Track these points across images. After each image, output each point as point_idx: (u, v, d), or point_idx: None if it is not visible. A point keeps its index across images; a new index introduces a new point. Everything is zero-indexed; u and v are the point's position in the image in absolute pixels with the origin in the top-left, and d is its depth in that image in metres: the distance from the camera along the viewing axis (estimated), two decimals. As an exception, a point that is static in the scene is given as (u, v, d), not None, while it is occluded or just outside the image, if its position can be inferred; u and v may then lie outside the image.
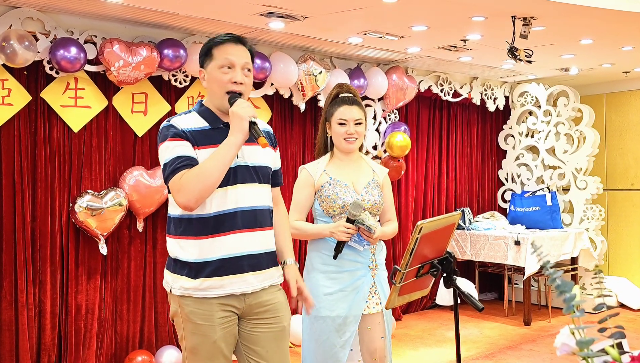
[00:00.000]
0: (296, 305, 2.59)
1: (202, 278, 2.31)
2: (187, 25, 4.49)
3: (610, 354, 1.28)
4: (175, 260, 2.37)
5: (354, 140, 3.03)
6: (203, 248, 2.32)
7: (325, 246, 2.99)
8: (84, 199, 4.23)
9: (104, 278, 4.47)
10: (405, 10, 4.07)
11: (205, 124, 2.37)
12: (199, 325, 2.32)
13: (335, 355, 2.93)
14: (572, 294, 1.19)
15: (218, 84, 2.36)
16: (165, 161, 2.29)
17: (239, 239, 2.35)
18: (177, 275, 2.35)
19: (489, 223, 6.56)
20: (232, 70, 2.35)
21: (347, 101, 3.05)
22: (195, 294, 2.32)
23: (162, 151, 2.32)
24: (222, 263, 2.32)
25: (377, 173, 3.16)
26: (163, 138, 2.33)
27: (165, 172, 2.29)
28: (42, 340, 4.19)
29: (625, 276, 6.91)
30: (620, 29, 4.63)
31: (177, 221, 2.37)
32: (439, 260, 2.68)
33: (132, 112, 4.54)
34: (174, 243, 2.38)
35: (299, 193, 3.06)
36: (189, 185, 2.21)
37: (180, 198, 2.23)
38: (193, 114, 2.42)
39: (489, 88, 6.95)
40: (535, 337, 5.70)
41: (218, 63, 2.36)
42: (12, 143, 4.09)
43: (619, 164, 7.08)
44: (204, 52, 2.41)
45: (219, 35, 2.41)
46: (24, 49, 3.86)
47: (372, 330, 3.00)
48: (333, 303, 2.93)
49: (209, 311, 2.32)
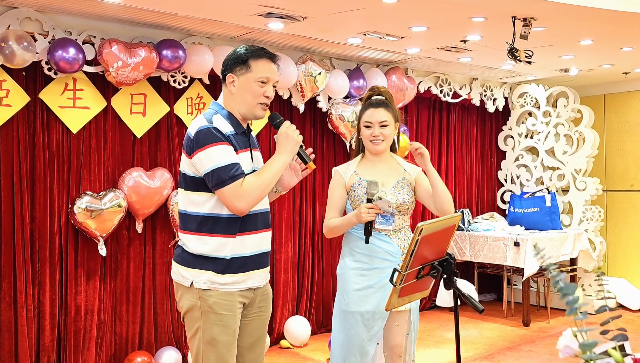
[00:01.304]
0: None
1: (229, 274, 2.51)
2: (186, 26, 4.48)
3: (613, 357, 1.27)
4: (197, 256, 2.52)
5: (379, 142, 3.11)
6: (235, 246, 2.52)
7: (357, 243, 3.07)
8: (83, 200, 4.22)
9: (103, 279, 4.46)
10: (405, 10, 4.07)
11: (232, 129, 2.54)
12: (221, 315, 2.50)
13: (363, 348, 3.04)
14: (574, 296, 1.19)
15: (253, 95, 2.57)
16: (219, 165, 2.43)
17: (260, 238, 2.61)
18: (199, 269, 2.51)
19: (488, 224, 6.56)
20: (266, 85, 2.58)
21: (373, 104, 3.14)
22: (221, 288, 2.50)
23: (213, 154, 2.44)
24: (247, 260, 2.56)
25: (409, 172, 3.21)
26: (211, 140, 2.45)
27: (220, 175, 2.43)
28: (42, 341, 4.18)
29: (624, 277, 6.91)
30: (620, 29, 4.62)
31: (203, 219, 2.51)
32: (440, 261, 2.67)
33: (130, 113, 4.53)
34: (197, 239, 2.52)
35: (332, 193, 3.17)
36: (252, 193, 2.46)
37: (241, 203, 2.46)
38: (220, 117, 2.55)
39: (488, 89, 6.94)
40: (534, 337, 5.70)
41: (256, 76, 2.56)
42: (11, 144, 4.08)
43: (619, 165, 7.07)
44: (240, 60, 2.57)
45: (254, 48, 2.60)
46: (23, 50, 3.85)
47: (399, 326, 3.10)
48: (362, 298, 3.04)
49: (231, 302, 2.52)
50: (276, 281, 5.39)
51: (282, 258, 5.40)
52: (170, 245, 4.71)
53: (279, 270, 5.39)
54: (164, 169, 4.60)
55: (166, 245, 4.72)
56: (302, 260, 5.62)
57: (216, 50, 4.69)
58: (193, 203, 2.53)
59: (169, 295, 4.73)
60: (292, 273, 5.52)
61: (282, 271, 5.41)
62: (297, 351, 5.31)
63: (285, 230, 5.42)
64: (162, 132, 4.72)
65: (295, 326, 5.38)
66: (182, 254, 2.56)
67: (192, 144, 2.49)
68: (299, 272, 5.61)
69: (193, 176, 2.52)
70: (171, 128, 4.76)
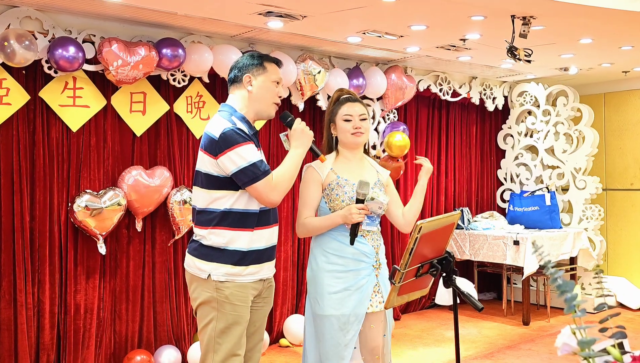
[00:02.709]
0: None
1: (245, 266, 2.70)
2: (186, 25, 4.48)
3: (611, 354, 1.27)
4: (215, 249, 2.69)
5: (360, 134, 3.09)
6: (252, 239, 2.71)
7: (330, 245, 3.00)
8: (83, 198, 4.22)
9: (103, 278, 4.46)
10: (404, 9, 4.07)
11: (247, 130, 2.72)
12: (236, 306, 2.68)
13: (339, 353, 2.94)
14: (573, 294, 1.19)
15: (271, 95, 2.80)
16: (250, 162, 2.61)
17: (271, 232, 2.82)
18: (217, 263, 2.68)
19: (488, 223, 6.56)
20: (279, 86, 2.83)
21: (349, 99, 3.14)
22: (237, 279, 2.69)
23: (243, 153, 2.61)
24: (262, 253, 2.76)
25: (381, 174, 3.20)
26: (237, 140, 2.62)
27: (254, 172, 2.62)
28: (41, 340, 4.18)
29: (624, 276, 6.91)
30: (620, 28, 4.62)
31: (223, 215, 2.68)
32: (439, 259, 2.68)
33: (130, 111, 4.53)
34: (216, 233, 2.69)
35: (306, 191, 3.07)
36: (283, 185, 2.70)
37: (275, 195, 2.67)
38: (236, 119, 2.72)
39: (488, 88, 6.94)
40: (534, 336, 5.70)
41: (273, 78, 2.80)
42: (11, 142, 4.08)
43: (618, 164, 7.08)
44: (256, 62, 2.79)
45: (262, 54, 2.87)
46: (24, 49, 3.85)
47: (375, 328, 3.03)
48: (338, 302, 2.95)
49: (245, 294, 2.72)
50: (275, 279, 5.34)
51: (281, 257, 5.40)
52: (170, 244, 4.72)
53: (278, 269, 5.39)
54: (163, 168, 4.60)
55: (166, 243, 4.72)
56: (301, 259, 5.62)
57: (216, 49, 4.69)
58: (215, 200, 2.69)
59: (168, 294, 4.74)
60: (291, 271, 5.52)
61: (282, 270, 5.41)
62: (297, 350, 5.31)
63: (285, 229, 5.42)
64: (161, 131, 4.72)
65: (294, 325, 5.38)
66: (200, 248, 2.72)
67: (217, 145, 2.62)
68: (298, 271, 5.61)
69: (217, 176, 2.66)
70: (171, 127, 4.76)
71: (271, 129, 5.32)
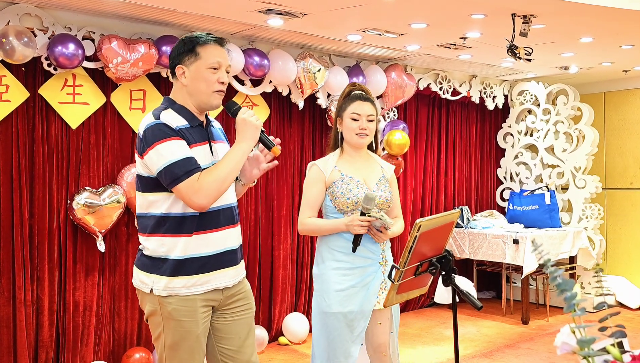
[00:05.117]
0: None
1: (184, 276, 2.39)
2: (186, 22, 4.47)
3: (611, 353, 1.27)
4: (154, 259, 2.41)
5: (365, 136, 3.06)
6: (190, 246, 2.39)
7: (337, 243, 3.00)
8: (82, 196, 4.22)
9: (102, 275, 4.46)
10: (405, 7, 4.06)
11: (185, 123, 2.42)
12: (182, 322, 2.39)
13: (347, 350, 2.96)
14: (572, 293, 1.18)
15: (207, 84, 2.43)
16: (171, 161, 2.30)
17: (223, 235, 2.47)
18: (156, 275, 2.40)
19: (488, 222, 6.56)
20: (219, 70, 2.44)
21: (360, 98, 3.08)
22: (182, 292, 2.39)
23: (163, 151, 2.31)
24: (208, 260, 2.42)
25: (385, 170, 3.19)
26: (160, 136, 2.33)
27: (173, 172, 2.30)
28: (40, 337, 4.18)
29: (624, 276, 6.91)
30: (620, 27, 4.62)
31: (160, 220, 2.40)
32: (438, 258, 2.67)
33: (130, 109, 4.52)
34: (155, 241, 2.41)
35: (310, 190, 3.07)
36: (210, 187, 2.31)
37: (200, 199, 2.30)
38: (171, 111, 2.42)
39: (488, 86, 6.94)
40: (533, 335, 5.70)
41: (207, 63, 2.42)
42: (10, 139, 4.07)
43: (618, 163, 7.07)
44: (186, 49, 2.43)
45: (200, 34, 2.46)
46: (23, 46, 3.84)
47: (382, 325, 3.05)
48: (345, 299, 2.96)
49: (192, 308, 2.40)
50: (275, 277, 5.39)
51: (280, 255, 5.40)
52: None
53: (277, 267, 5.39)
54: (163, 166, 4.59)
55: (165, 241, 4.71)
56: (300, 257, 5.61)
57: (216, 46, 4.68)
58: (150, 204, 2.42)
59: (167, 292, 4.73)
60: (290, 269, 5.51)
61: (281, 268, 5.41)
62: (296, 348, 5.31)
63: (284, 227, 5.42)
64: (161, 129, 4.71)
65: (293, 323, 5.38)
66: (141, 258, 2.46)
67: (141, 144, 2.37)
68: (297, 269, 5.60)
69: (148, 177, 2.39)
70: (170, 124, 4.75)
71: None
